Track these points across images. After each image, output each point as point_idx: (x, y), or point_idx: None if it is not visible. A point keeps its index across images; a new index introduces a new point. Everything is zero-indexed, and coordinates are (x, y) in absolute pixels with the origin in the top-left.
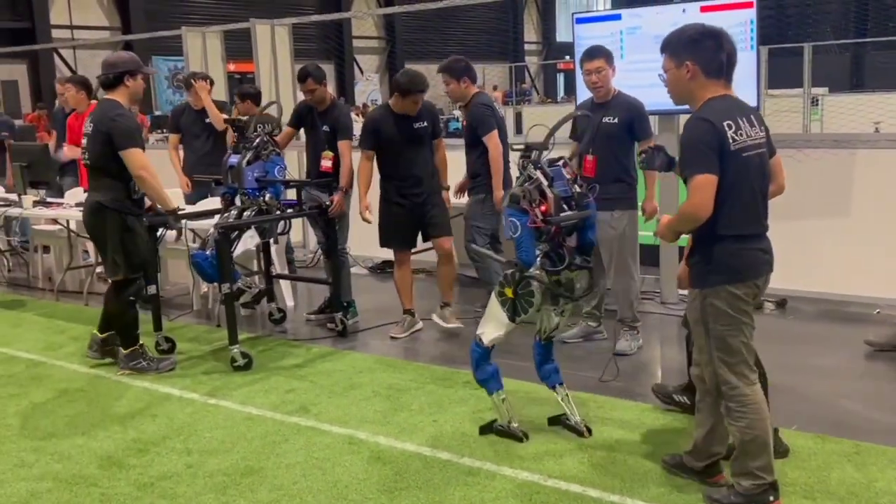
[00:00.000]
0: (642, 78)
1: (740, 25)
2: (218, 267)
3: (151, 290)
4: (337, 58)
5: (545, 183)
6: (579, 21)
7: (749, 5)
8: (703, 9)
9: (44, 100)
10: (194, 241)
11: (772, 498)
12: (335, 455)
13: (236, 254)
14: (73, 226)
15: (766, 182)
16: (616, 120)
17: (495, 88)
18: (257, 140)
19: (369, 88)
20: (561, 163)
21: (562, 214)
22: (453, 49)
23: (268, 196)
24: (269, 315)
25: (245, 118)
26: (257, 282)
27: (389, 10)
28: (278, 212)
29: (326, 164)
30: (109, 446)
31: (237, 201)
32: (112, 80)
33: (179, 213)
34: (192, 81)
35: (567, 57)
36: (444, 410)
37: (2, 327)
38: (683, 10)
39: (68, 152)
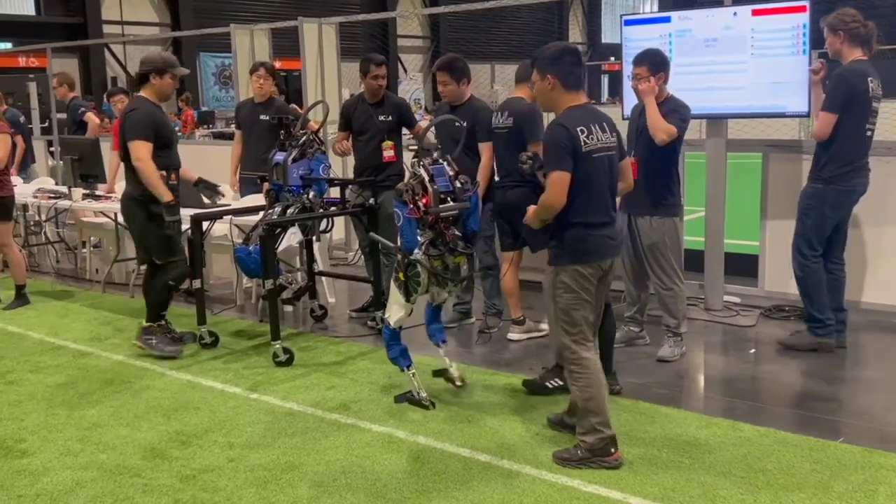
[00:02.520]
0: (692, 81)
1: (792, 30)
2: (262, 263)
3: (196, 284)
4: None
5: (427, 178)
6: (628, 23)
7: (802, 9)
8: (755, 12)
9: (93, 94)
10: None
11: (613, 450)
12: (375, 453)
13: (279, 250)
14: (121, 219)
15: (615, 179)
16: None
17: None
18: (303, 138)
19: (413, 87)
20: (444, 162)
21: (441, 206)
22: (498, 49)
23: (311, 194)
24: (311, 312)
25: (291, 117)
26: (299, 279)
27: (435, 9)
28: (321, 210)
29: (389, 153)
30: (153, 438)
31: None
32: (140, 77)
33: (224, 207)
34: (256, 70)
35: (612, 58)
36: (483, 412)
37: (50, 317)
38: (735, 14)
39: (113, 159)
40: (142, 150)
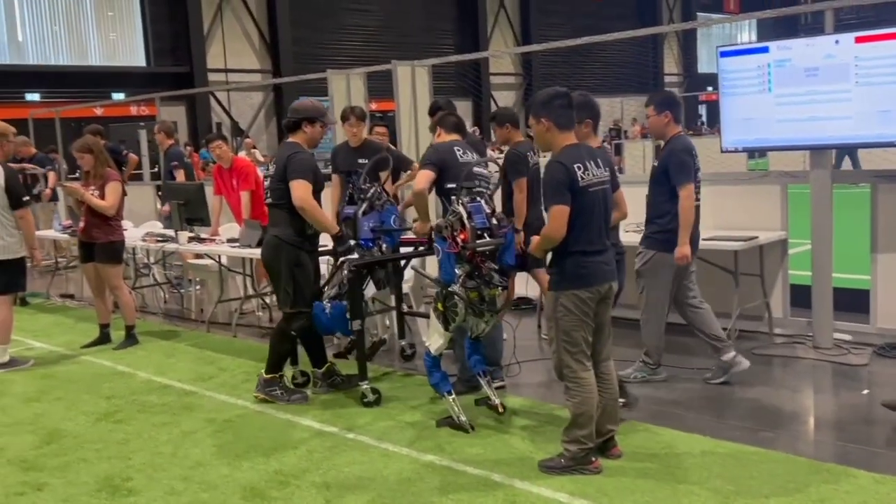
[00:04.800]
0: (793, 112)
1: None
2: (349, 306)
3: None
4: (474, 95)
5: (465, 216)
6: (724, 54)
7: None
8: (858, 39)
9: (199, 139)
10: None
11: (593, 458)
12: (470, 497)
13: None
14: (224, 260)
15: (609, 210)
16: (657, 164)
17: (634, 122)
18: (371, 191)
19: None
20: (482, 200)
21: (477, 241)
22: (591, 83)
23: (384, 246)
24: (401, 351)
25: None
26: (387, 323)
27: (527, 48)
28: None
29: None
30: (252, 477)
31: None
32: (293, 123)
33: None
34: (347, 119)
35: (710, 88)
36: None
37: (157, 357)
38: (837, 42)
39: (215, 203)
40: (304, 189)
